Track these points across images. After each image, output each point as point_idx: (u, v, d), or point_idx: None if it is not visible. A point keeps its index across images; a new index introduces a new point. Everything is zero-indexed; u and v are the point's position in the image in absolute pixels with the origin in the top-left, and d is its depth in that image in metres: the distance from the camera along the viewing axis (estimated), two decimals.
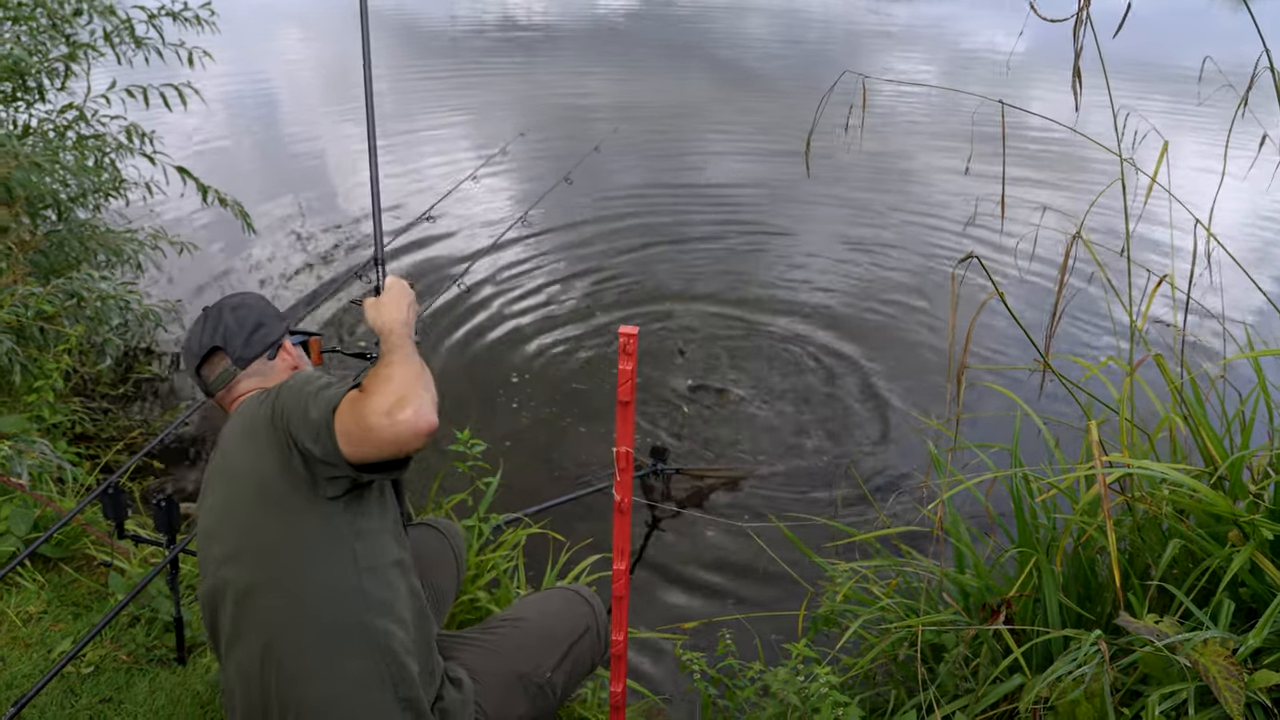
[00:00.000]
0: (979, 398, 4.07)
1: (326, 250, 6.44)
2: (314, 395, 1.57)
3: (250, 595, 1.66)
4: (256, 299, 1.93)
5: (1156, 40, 14.43)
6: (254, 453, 1.64)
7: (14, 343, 3.23)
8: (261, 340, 1.86)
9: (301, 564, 1.63)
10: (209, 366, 1.85)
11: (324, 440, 1.53)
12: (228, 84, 10.96)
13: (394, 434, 1.46)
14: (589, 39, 15.96)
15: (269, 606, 1.65)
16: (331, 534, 1.62)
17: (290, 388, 1.62)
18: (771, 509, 3.81)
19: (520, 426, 4.36)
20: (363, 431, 1.48)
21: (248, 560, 1.67)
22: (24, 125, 4.66)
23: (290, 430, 1.57)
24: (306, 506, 1.61)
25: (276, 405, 1.61)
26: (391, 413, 1.46)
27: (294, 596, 1.63)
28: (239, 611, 1.67)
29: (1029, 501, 2.22)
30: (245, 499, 1.67)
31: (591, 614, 2.05)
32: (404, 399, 1.48)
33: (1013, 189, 6.91)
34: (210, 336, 1.83)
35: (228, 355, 1.83)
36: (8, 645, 2.62)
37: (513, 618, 2.00)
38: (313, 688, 1.63)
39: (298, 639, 1.63)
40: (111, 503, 2.46)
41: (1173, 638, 1.52)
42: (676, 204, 7.51)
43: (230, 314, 1.86)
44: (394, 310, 1.84)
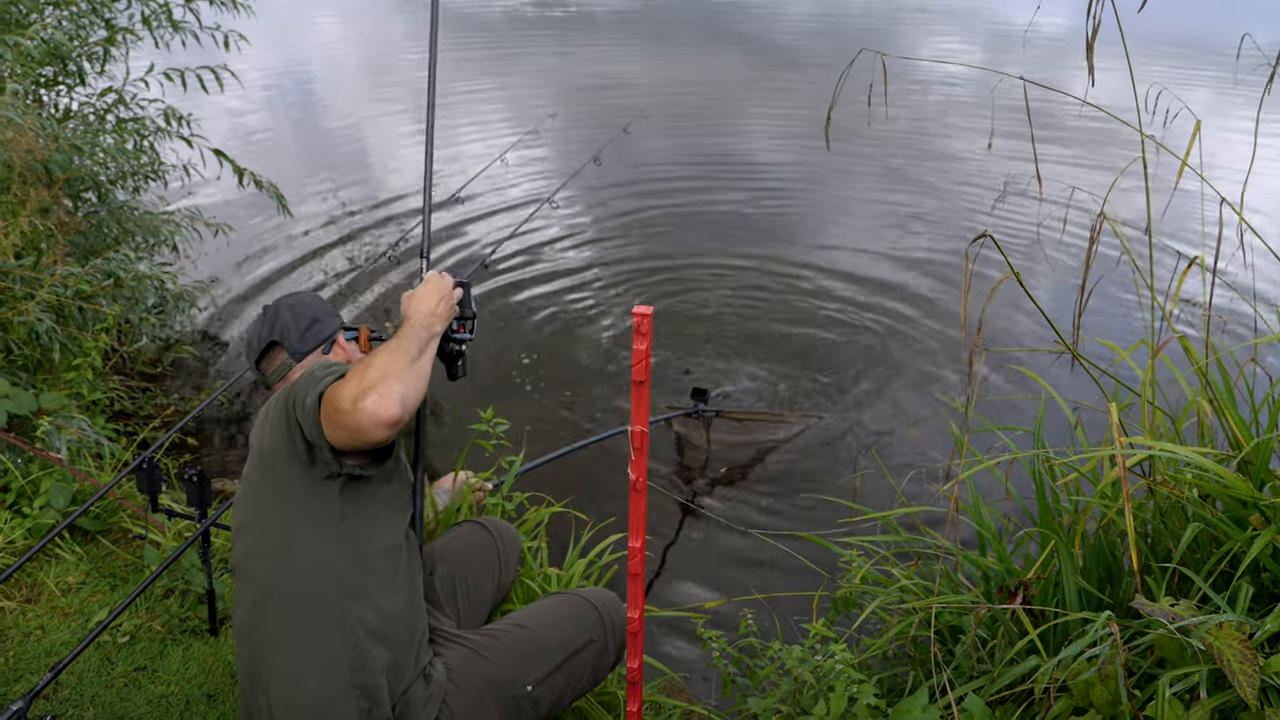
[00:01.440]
0: (1007, 381, 4.04)
1: (361, 232, 6.51)
2: (317, 382, 1.65)
3: (249, 560, 1.78)
4: (312, 298, 2.05)
5: (1198, 17, 14.09)
6: (269, 430, 1.76)
7: (54, 321, 3.31)
8: (316, 335, 1.99)
9: (289, 538, 1.71)
10: (267, 360, 1.98)
11: (313, 426, 1.63)
12: (265, 67, 11.08)
13: (356, 421, 1.53)
14: (622, 19, 15.89)
15: (259, 574, 1.75)
16: (319, 513, 1.70)
17: (306, 374, 1.71)
18: (793, 487, 3.82)
19: (544, 405, 4.39)
20: (335, 415, 1.56)
21: (252, 529, 1.78)
22: (65, 109, 4.76)
23: (296, 413, 1.66)
24: (300, 484, 1.69)
25: (294, 388, 1.71)
26: (356, 399, 1.53)
27: (279, 568, 1.72)
28: (241, 575, 1.79)
29: (1049, 484, 2.21)
30: (257, 472, 1.79)
31: (600, 626, 2.00)
32: (370, 387, 1.53)
33: (1045, 168, 6.80)
34: (269, 332, 1.97)
35: (285, 349, 1.97)
36: (48, 614, 2.70)
37: (515, 622, 1.97)
38: (280, 657, 1.70)
39: (276, 608, 1.72)
40: (146, 477, 2.54)
41: (1186, 620, 1.51)
42: (705, 184, 7.49)
43: (287, 311, 1.98)
44: (421, 302, 1.86)
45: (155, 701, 2.42)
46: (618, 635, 2.02)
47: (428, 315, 1.83)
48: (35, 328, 3.22)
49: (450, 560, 2.14)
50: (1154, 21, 13.82)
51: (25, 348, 3.31)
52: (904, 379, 4.66)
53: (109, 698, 2.42)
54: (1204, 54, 11.55)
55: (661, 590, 3.26)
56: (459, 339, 1.99)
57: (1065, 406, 2.36)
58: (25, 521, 2.89)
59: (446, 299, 1.90)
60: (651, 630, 3.02)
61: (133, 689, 2.46)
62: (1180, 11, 15.37)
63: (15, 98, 3.53)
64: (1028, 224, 6.26)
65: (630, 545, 1.92)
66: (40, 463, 3.00)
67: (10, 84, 3.52)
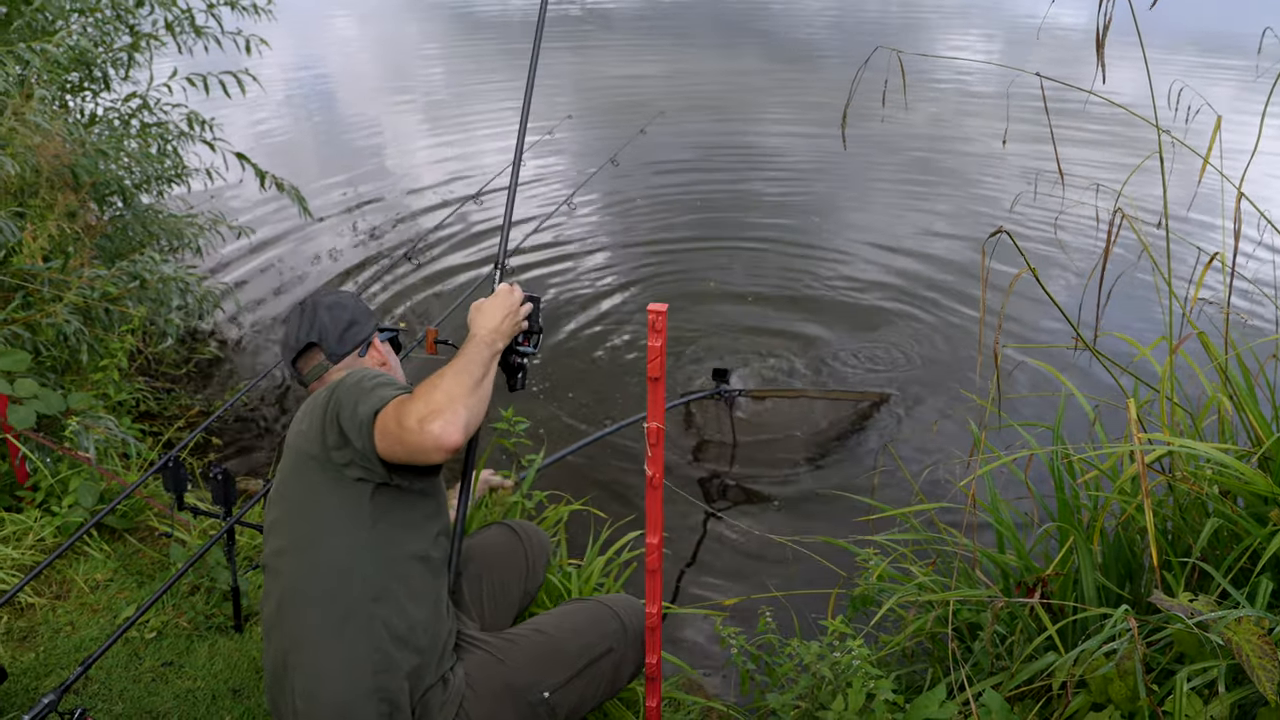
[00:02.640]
0: (1026, 377, 4.03)
1: (379, 232, 6.56)
2: (368, 392, 1.68)
3: (279, 558, 1.80)
4: (350, 297, 2.04)
5: (1218, 13, 13.96)
6: (305, 429, 1.78)
7: (81, 323, 3.36)
8: (354, 337, 1.99)
9: (318, 538, 1.74)
10: (304, 360, 1.98)
11: (364, 436, 1.65)
12: (285, 70, 11.19)
13: (419, 442, 1.56)
14: (638, 20, 15.91)
15: (288, 572, 1.78)
16: (349, 516, 1.72)
17: (349, 382, 1.74)
18: (810, 485, 3.83)
19: (563, 404, 4.41)
20: (399, 432, 1.59)
21: (283, 527, 1.81)
22: (90, 114, 4.83)
23: (339, 418, 1.69)
24: (332, 486, 1.72)
25: (336, 394, 1.73)
26: (424, 421, 1.56)
27: (308, 567, 1.75)
28: (271, 572, 1.82)
29: (1069, 481, 2.21)
30: (292, 471, 1.81)
31: (621, 634, 1.99)
32: (438, 411, 1.56)
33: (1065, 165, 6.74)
34: (307, 333, 1.96)
35: (322, 351, 1.96)
36: (77, 610, 2.75)
37: (535, 628, 1.97)
38: (305, 655, 1.73)
39: (303, 607, 1.74)
40: (172, 476, 2.58)
41: (1205, 615, 1.51)
42: (723, 184, 7.51)
43: (325, 312, 1.97)
44: (488, 316, 1.87)
45: (182, 696, 2.46)
46: (638, 643, 2.01)
47: (491, 331, 1.84)
48: (63, 329, 3.28)
49: (477, 563, 2.16)
50: (1173, 18, 13.70)
51: (54, 349, 3.36)
52: (923, 376, 4.65)
53: (137, 692, 2.46)
54: (1225, 49, 11.44)
55: (680, 587, 3.28)
56: (523, 351, 2.00)
57: (1085, 403, 2.36)
58: (55, 520, 2.94)
59: (512, 315, 1.91)
60: (670, 627, 3.04)
61: (160, 684, 2.50)
62: (1200, 7, 15.24)
63: (43, 104, 3.58)
64: (1048, 220, 6.22)
65: (648, 542, 1.94)
66: (69, 462, 3.05)
67: (38, 90, 3.58)
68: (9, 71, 3.50)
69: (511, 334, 1.90)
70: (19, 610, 2.73)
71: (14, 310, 3.26)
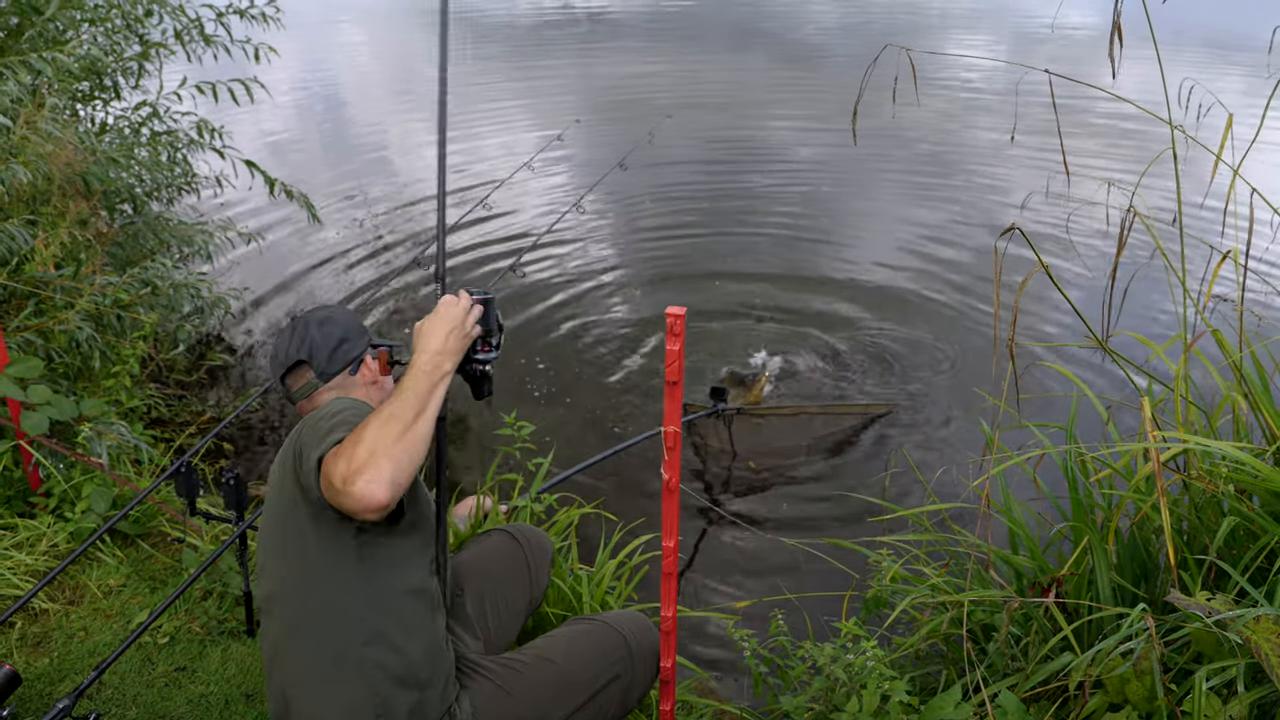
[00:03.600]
0: (1041, 376, 4.01)
1: (389, 238, 6.58)
2: (323, 436, 1.60)
3: (270, 601, 1.77)
4: (343, 313, 1.97)
5: (1231, 14, 13.90)
6: (282, 470, 1.73)
7: (93, 330, 3.37)
8: (344, 356, 1.91)
9: (308, 580, 1.70)
10: (293, 377, 1.91)
11: (314, 485, 1.59)
12: (293, 78, 11.24)
13: (343, 503, 1.49)
14: (646, 25, 15.93)
15: (282, 613, 1.75)
16: (335, 557, 1.68)
17: (313, 422, 1.67)
18: (821, 487, 3.82)
19: (573, 409, 4.41)
20: (328, 490, 1.52)
21: (271, 571, 1.78)
22: (101, 123, 4.86)
23: (301, 461, 1.64)
24: (315, 527, 1.67)
25: (302, 434, 1.67)
26: (345, 481, 1.46)
27: (300, 610, 1.72)
28: (265, 614, 1.79)
29: (1082, 480, 2.19)
30: (274, 513, 1.78)
31: (629, 660, 1.96)
32: (358, 471, 1.46)
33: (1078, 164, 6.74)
34: (296, 350, 1.89)
35: (312, 369, 1.89)
36: (90, 616, 2.76)
37: (542, 655, 1.93)
38: (306, 701, 1.70)
39: (299, 650, 1.71)
40: (184, 481, 2.58)
41: (1223, 614, 1.49)
42: (732, 185, 7.51)
43: (317, 329, 1.90)
44: (430, 338, 1.70)
45: (195, 701, 2.46)
46: (647, 667, 1.98)
47: (434, 355, 1.68)
48: (76, 336, 3.29)
49: (478, 576, 2.11)
50: (1184, 17, 13.64)
51: (66, 356, 3.37)
52: (935, 376, 4.64)
53: (150, 697, 2.47)
54: (1236, 49, 11.40)
55: (692, 591, 3.27)
56: (482, 359, 1.82)
57: (1097, 402, 2.34)
58: (68, 525, 2.95)
59: (458, 329, 1.73)
60: (683, 631, 3.03)
61: (173, 688, 2.50)
62: (1211, 7, 15.18)
63: (54, 112, 3.61)
64: (1061, 219, 6.20)
65: (664, 545, 1.93)
66: (82, 468, 3.06)
67: (49, 99, 3.60)
68: (21, 81, 3.52)
69: (462, 349, 1.73)
70: (33, 616, 2.74)
71: (27, 317, 3.28)
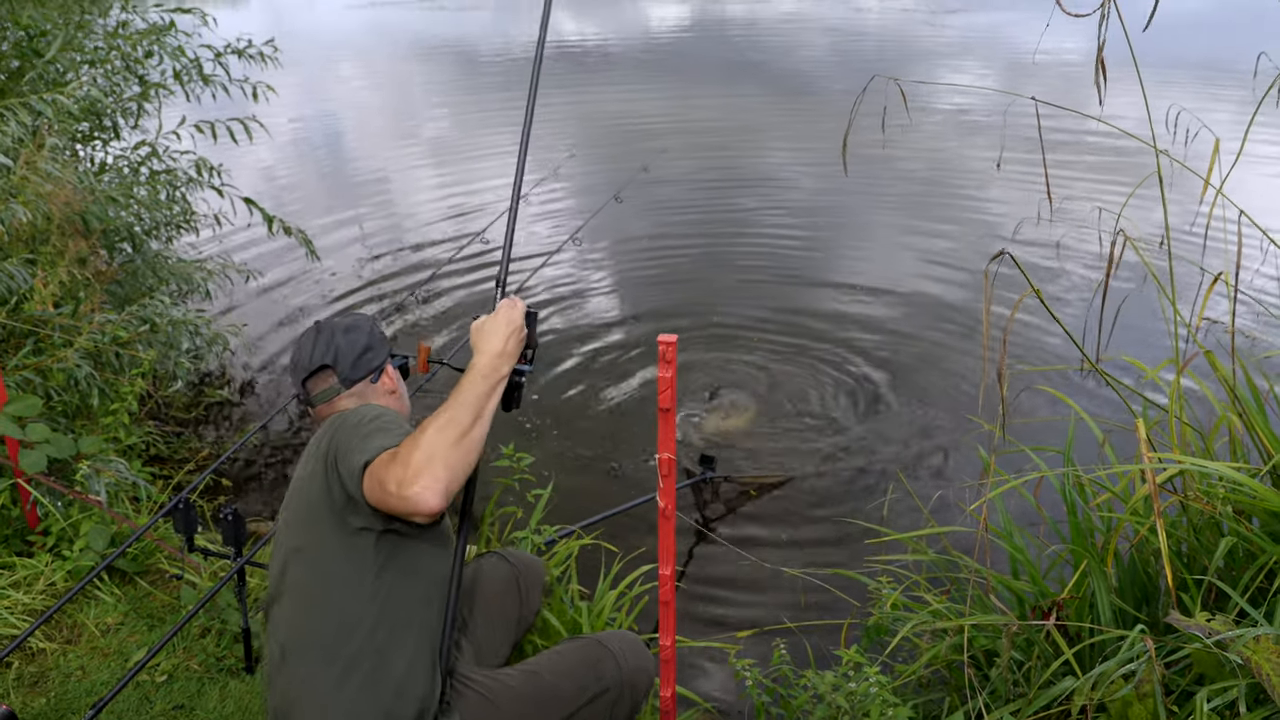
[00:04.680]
0: (1033, 400, 4.02)
1: (386, 272, 6.61)
2: (363, 440, 1.64)
3: (282, 603, 1.78)
4: (366, 321, 2.01)
5: (1216, 40, 14.09)
6: (309, 471, 1.76)
7: (92, 368, 3.38)
8: (367, 364, 1.94)
9: (322, 588, 1.71)
10: (315, 381, 1.93)
11: (354, 486, 1.62)
12: (292, 116, 11.35)
13: (397, 507, 1.53)
14: (640, 59, 16.12)
15: (291, 619, 1.75)
16: (353, 566, 1.69)
17: (349, 424, 1.70)
18: (820, 514, 3.81)
19: (570, 439, 4.41)
20: (381, 494, 1.56)
21: (287, 572, 1.78)
22: (100, 162, 4.90)
23: (336, 464, 1.66)
24: (335, 532, 1.69)
25: (335, 437, 1.70)
26: (402, 485, 1.50)
27: (311, 617, 1.72)
28: (273, 618, 1.80)
29: (1080, 503, 2.20)
30: (294, 515, 1.79)
31: (616, 675, 1.96)
32: (416, 474, 1.50)
33: (1072, 191, 6.81)
34: (321, 354, 1.91)
35: (335, 375, 1.91)
36: (88, 655, 2.74)
37: (530, 669, 1.94)
38: (313, 703, 1.70)
39: (306, 659, 1.72)
40: (183, 518, 2.58)
41: (1223, 634, 1.49)
42: (725, 218, 7.56)
43: (342, 335, 1.93)
44: (489, 338, 1.76)
45: None
46: (635, 683, 1.97)
47: (496, 356, 1.73)
48: (74, 374, 3.30)
49: (472, 592, 2.12)
50: (1172, 46, 13.80)
51: (65, 394, 3.38)
52: (931, 402, 4.64)
53: None
54: (1223, 76, 11.55)
55: (692, 621, 3.25)
56: (520, 370, 1.85)
57: (1094, 425, 2.35)
58: (66, 564, 2.94)
59: (518, 333, 1.79)
60: (683, 660, 3.01)
61: None
62: (1197, 36, 15.40)
63: (54, 152, 3.64)
64: (1053, 245, 6.25)
65: (660, 573, 1.93)
66: (80, 506, 3.06)
67: (49, 139, 3.64)
68: (22, 121, 3.56)
69: (517, 353, 1.78)
70: (30, 655, 2.72)
71: (25, 356, 3.29)
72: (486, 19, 22.51)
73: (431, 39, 18.75)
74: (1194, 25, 16.91)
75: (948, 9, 21.48)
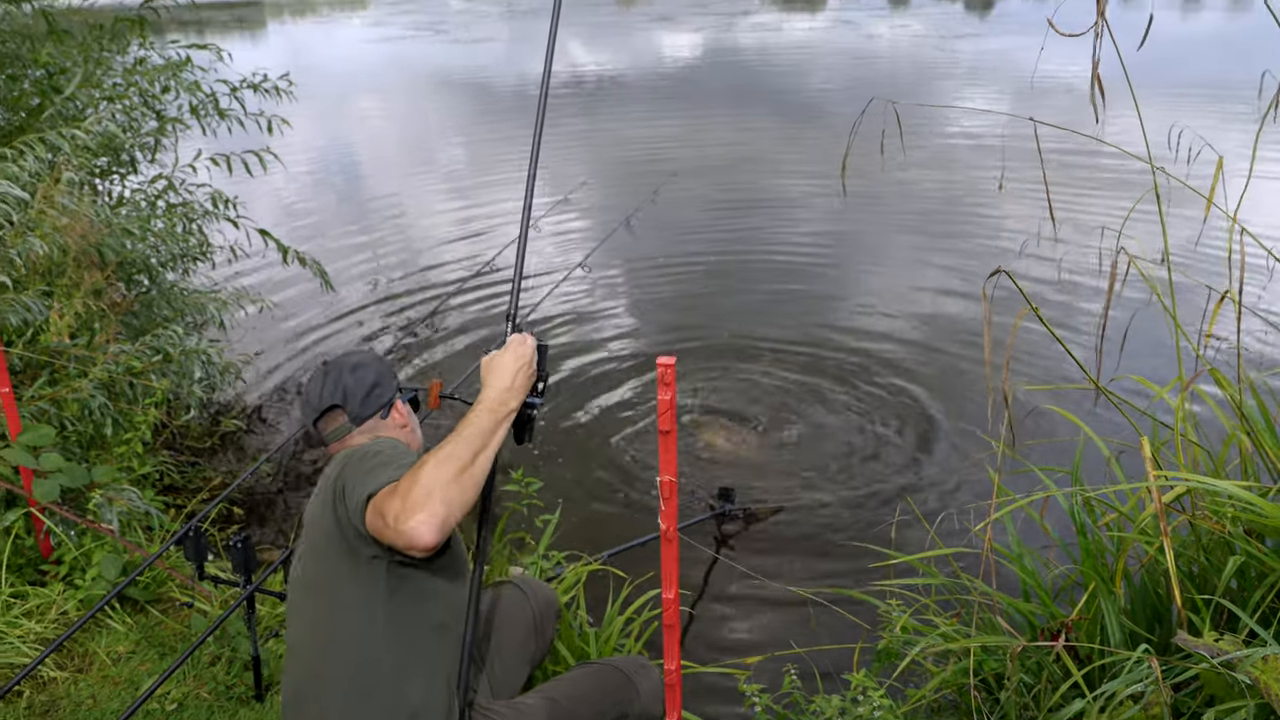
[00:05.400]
0: (1041, 419, 4.00)
1: (400, 303, 6.66)
2: (368, 473, 1.65)
3: (298, 637, 1.79)
4: (373, 359, 2.02)
5: (1220, 60, 14.08)
6: (320, 504, 1.77)
7: (106, 398, 3.42)
8: (376, 400, 1.95)
9: (336, 619, 1.73)
10: (326, 421, 1.94)
11: (359, 519, 1.63)
12: (309, 147, 11.51)
13: (396, 540, 1.53)
14: (653, 89, 16.25)
15: (306, 652, 1.77)
16: (366, 595, 1.70)
17: (357, 458, 1.72)
18: (830, 536, 3.79)
19: (579, 464, 4.41)
20: (379, 525, 1.57)
21: (302, 605, 1.80)
22: (118, 196, 4.98)
23: (345, 497, 1.68)
24: (348, 565, 1.70)
25: (344, 472, 1.71)
26: (398, 519, 1.50)
27: (325, 649, 1.74)
28: (290, 652, 1.81)
29: (1089, 522, 2.18)
30: (309, 549, 1.80)
31: (634, 698, 1.97)
32: (413, 508, 1.50)
33: (1082, 213, 6.79)
34: (330, 394, 1.93)
35: (345, 413, 1.93)
36: (99, 684, 2.75)
37: (547, 695, 1.94)
38: None
39: (321, 691, 1.73)
40: (193, 546, 2.59)
41: (1231, 654, 1.47)
42: (734, 245, 7.59)
43: (350, 374, 1.95)
44: (498, 374, 1.75)
45: None
46: (651, 706, 1.98)
47: (503, 391, 1.72)
48: (88, 404, 3.34)
49: (486, 622, 2.12)
50: (1177, 66, 13.78)
51: (79, 424, 3.42)
52: (941, 422, 4.62)
53: None
54: (1230, 94, 11.53)
55: (701, 645, 3.23)
56: (530, 403, 1.83)
57: (1102, 444, 2.33)
58: (78, 593, 2.96)
59: (526, 368, 1.77)
60: (691, 686, 2.98)
61: None
62: (1202, 55, 15.41)
63: (71, 186, 3.71)
64: (1063, 264, 6.23)
65: (664, 597, 1.92)
66: (92, 535, 3.08)
67: (66, 173, 3.71)
68: (39, 156, 3.63)
69: (526, 389, 1.77)
70: (41, 684, 2.73)
71: (41, 387, 3.33)
72: (500, 50, 22.79)
73: (446, 70, 18.99)
74: (1202, 44, 16.91)
75: (957, 34, 21.58)
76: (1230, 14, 24.87)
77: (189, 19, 26.22)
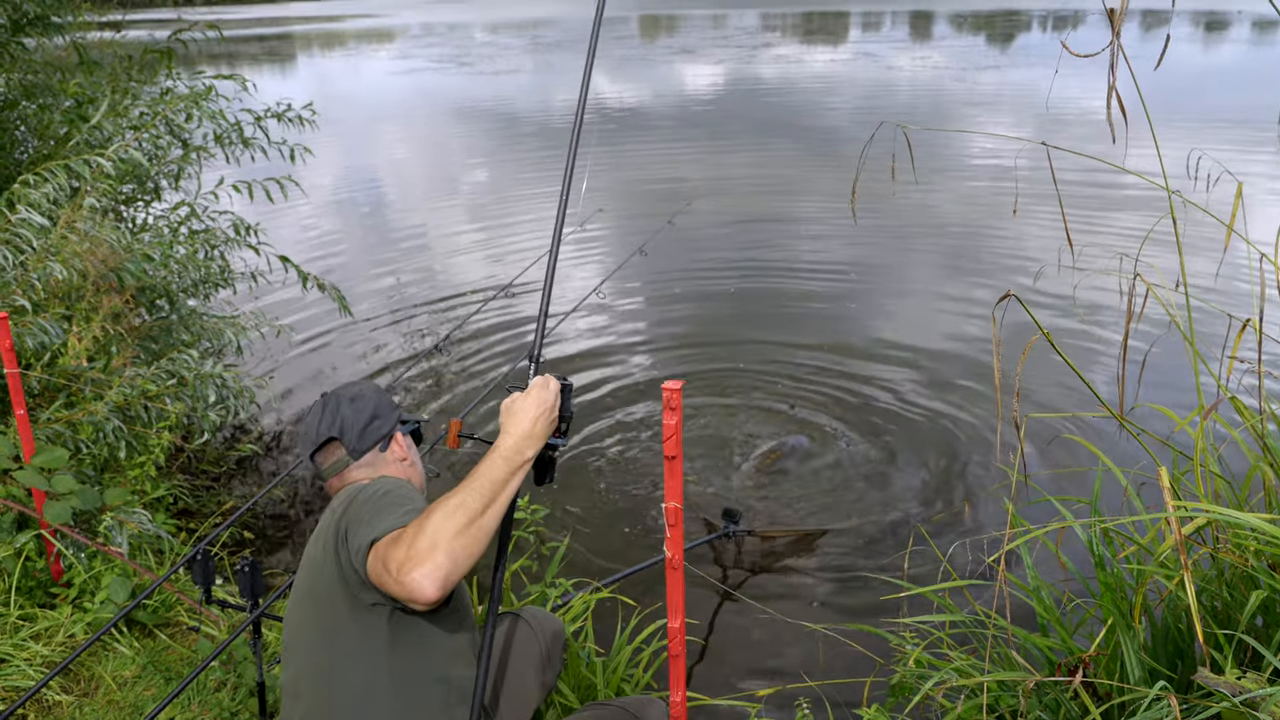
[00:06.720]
0: (1060, 448, 3.93)
1: (416, 327, 6.68)
2: (374, 516, 1.60)
3: (297, 683, 1.74)
4: (372, 390, 1.98)
5: (1241, 90, 14.01)
6: (320, 546, 1.72)
7: (120, 420, 3.44)
8: (375, 433, 1.91)
9: (337, 666, 1.68)
10: (324, 454, 1.91)
11: (360, 564, 1.59)
12: (332, 175, 11.65)
13: (398, 591, 1.48)
14: (672, 119, 16.34)
15: (306, 698, 1.72)
16: (367, 642, 1.65)
17: (362, 499, 1.67)
18: (843, 567, 3.73)
19: (591, 492, 4.37)
20: (381, 574, 1.52)
21: (299, 651, 1.75)
22: (141, 222, 5.05)
23: (347, 540, 1.63)
24: (345, 609, 1.65)
25: (348, 511, 1.67)
26: (401, 571, 1.45)
27: (326, 696, 1.69)
28: (289, 695, 1.75)
29: (1108, 555, 2.12)
30: (307, 591, 1.75)
31: None
32: (417, 560, 1.45)
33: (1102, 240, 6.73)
34: (328, 427, 1.89)
35: (343, 446, 1.89)
36: (104, 708, 2.74)
37: None
38: None
39: None
40: (199, 568, 2.58)
41: (1254, 692, 1.42)
42: (751, 272, 7.58)
43: (348, 405, 1.91)
44: (518, 419, 1.69)
45: None
46: None
47: (521, 439, 1.66)
48: (103, 426, 3.35)
49: (495, 667, 2.07)
50: (1196, 95, 13.70)
51: (93, 446, 3.43)
52: (957, 452, 4.56)
53: None
54: (1250, 122, 11.46)
55: (711, 676, 3.17)
56: (553, 444, 1.77)
57: (1119, 474, 2.28)
58: (86, 616, 2.96)
59: (548, 414, 1.71)
60: (701, 719, 2.93)
61: None
62: (1223, 85, 15.34)
63: (92, 212, 3.76)
64: (1087, 290, 6.17)
65: (670, 626, 1.88)
66: (103, 557, 3.08)
67: (89, 199, 3.76)
68: (60, 185, 3.69)
69: (546, 435, 1.70)
70: (46, 708, 2.72)
71: (57, 410, 3.36)
72: (524, 81, 23.05)
73: (470, 101, 19.22)
74: (1222, 75, 16.83)
75: (979, 66, 21.61)
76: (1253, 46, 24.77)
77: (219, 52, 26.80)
